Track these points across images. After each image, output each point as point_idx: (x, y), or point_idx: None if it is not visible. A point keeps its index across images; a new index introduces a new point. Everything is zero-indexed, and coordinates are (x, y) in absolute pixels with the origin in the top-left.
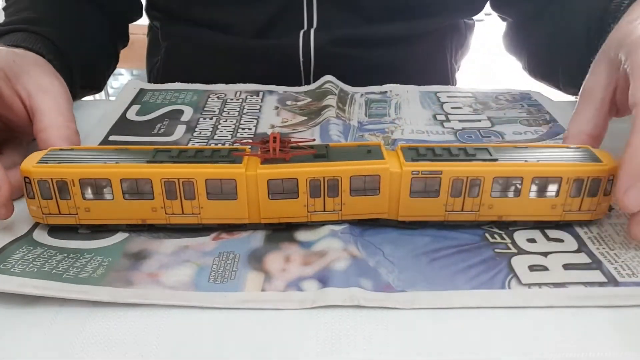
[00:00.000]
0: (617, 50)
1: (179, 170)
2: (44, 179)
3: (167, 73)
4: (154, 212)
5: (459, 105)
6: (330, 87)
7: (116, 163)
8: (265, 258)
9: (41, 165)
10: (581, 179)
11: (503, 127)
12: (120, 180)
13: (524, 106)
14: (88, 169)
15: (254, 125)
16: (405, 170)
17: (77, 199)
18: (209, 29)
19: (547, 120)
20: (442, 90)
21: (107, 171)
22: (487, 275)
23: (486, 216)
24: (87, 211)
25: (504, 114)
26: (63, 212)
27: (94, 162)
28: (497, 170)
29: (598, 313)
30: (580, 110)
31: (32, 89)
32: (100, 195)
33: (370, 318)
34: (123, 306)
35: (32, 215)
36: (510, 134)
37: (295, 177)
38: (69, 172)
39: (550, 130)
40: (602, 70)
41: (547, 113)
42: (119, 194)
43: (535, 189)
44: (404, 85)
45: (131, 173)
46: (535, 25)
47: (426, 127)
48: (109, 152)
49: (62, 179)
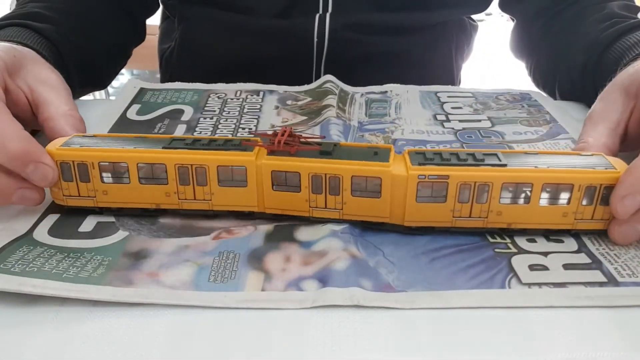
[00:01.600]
0: (631, 82)
1: (192, 156)
2: (66, 161)
3: (180, 57)
4: (168, 197)
5: (459, 105)
6: (330, 86)
7: (134, 148)
8: (265, 258)
9: (64, 148)
10: (594, 186)
11: (503, 127)
12: (137, 164)
13: (524, 106)
14: (107, 153)
15: (254, 124)
16: (411, 174)
17: (95, 182)
18: (227, 11)
19: (547, 120)
20: (442, 90)
21: (125, 155)
22: (487, 275)
23: (495, 223)
24: (105, 194)
25: (504, 114)
26: (82, 194)
27: (114, 147)
28: (506, 175)
29: (598, 313)
30: (590, 130)
31: (32, 82)
32: (118, 179)
33: (370, 318)
34: (123, 305)
35: (53, 196)
36: (511, 134)
37: (298, 170)
38: (89, 155)
39: (551, 131)
40: (615, 97)
41: (547, 113)
42: (135, 178)
43: (546, 196)
44: (404, 85)
45: (147, 158)
46: (540, 36)
47: (426, 127)
48: (128, 140)
49: (82, 162)
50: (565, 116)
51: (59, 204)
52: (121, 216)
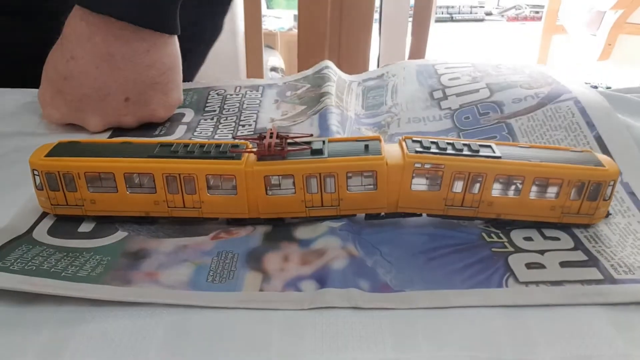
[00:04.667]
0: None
1: (180, 165)
2: (51, 172)
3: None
4: (157, 205)
5: (457, 75)
6: (328, 72)
7: (121, 157)
8: (264, 258)
9: (48, 159)
10: (582, 182)
11: (502, 94)
12: (124, 174)
13: (526, 72)
14: (93, 163)
15: (254, 120)
16: (407, 161)
17: (83, 191)
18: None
19: (549, 82)
20: (440, 62)
21: (111, 165)
22: (485, 274)
23: (485, 213)
24: (93, 203)
25: (504, 79)
26: (70, 203)
27: (100, 156)
28: (499, 167)
29: (595, 311)
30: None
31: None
32: (105, 188)
33: (368, 318)
34: (121, 305)
35: (41, 205)
36: (510, 104)
37: (291, 173)
38: (74, 165)
39: (552, 91)
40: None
41: (549, 77)
42: (123, 187)
43: (536, 189)
44: (401, 63)
45: (134, 167)
46: None
47: (423, 112)
48: (115, 146)
49: (68, 172)
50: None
51: (47, 212)
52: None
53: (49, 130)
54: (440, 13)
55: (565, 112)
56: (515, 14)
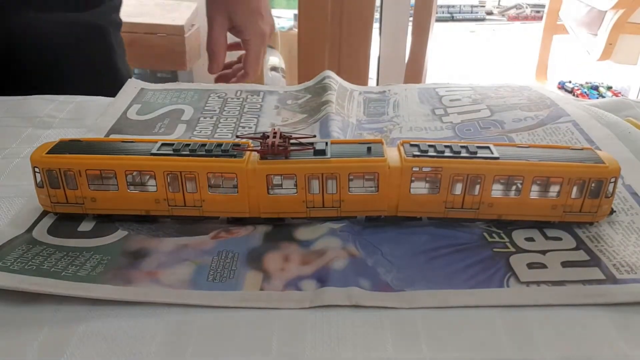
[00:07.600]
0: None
1: (182, 163)
2: (51, 169)
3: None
4: (158, 204)
5: (458, 97)
6: (329, 82)
7: (122, 155)
8: (264, 257)
9: (49, 156)
10: (583, 180)
11: (502, 114)
12: (125, 172)
13: (524, 94)
14: (94, 160)
15: (254, 124)
16: (405, 165)
17: (83, 189)
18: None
19: (548, 105)
20: (441, 86)
21: (113, 162)
22: (486, 274)
23: (486, 215)
24: (93, 201)
25: (503, 101)
26: (70, 201)
27: (101, 154)
28: (498, 168)
29: (597, 311)
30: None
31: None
32: (106, 186)
33: (369, 317)
34: (121, 304)
35: (41, 203)
36: (510, 122)
37: (293, 173)
38: (75, 162)
39: (551, 114)
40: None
41: (547, 99)
42: (124, 185)
43: (537, 188)
44: (403, 85)
45: (135, 165)
46: None
47: (425, 123)
48: (116, 144)
49: (69, 170)
50: (567, 102)
51: (47, 210)
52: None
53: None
54: (440, 12)
55: (565, 131)
56: (516, 14)
